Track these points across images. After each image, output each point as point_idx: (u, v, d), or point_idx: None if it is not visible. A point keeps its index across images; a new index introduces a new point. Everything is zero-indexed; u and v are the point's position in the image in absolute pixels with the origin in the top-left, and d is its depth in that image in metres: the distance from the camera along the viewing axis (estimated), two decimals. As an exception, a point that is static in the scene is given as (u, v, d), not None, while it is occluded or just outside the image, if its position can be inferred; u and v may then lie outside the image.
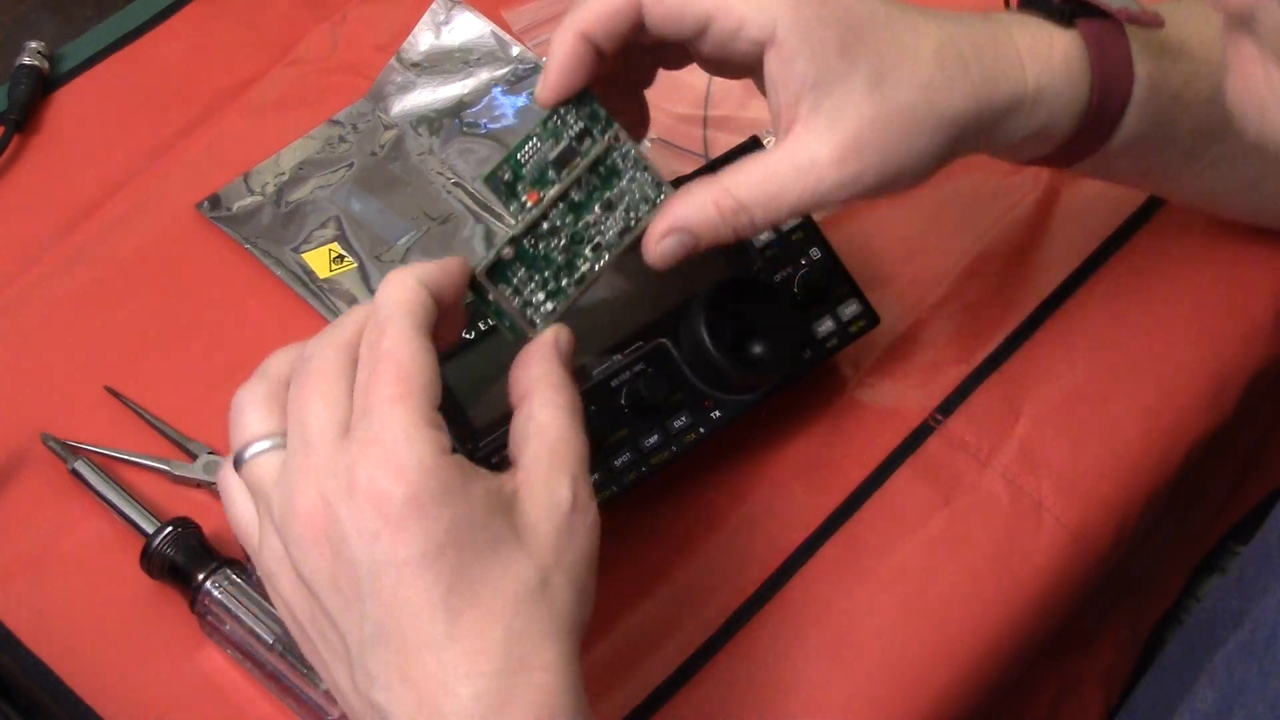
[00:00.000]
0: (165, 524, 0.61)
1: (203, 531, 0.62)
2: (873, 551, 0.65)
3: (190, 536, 0.61)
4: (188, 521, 0.62)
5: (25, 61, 0.76)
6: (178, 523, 0.61)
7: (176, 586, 0.61)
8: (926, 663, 0.62)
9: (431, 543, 0.46)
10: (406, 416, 0.47)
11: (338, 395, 0.49)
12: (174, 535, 0.61)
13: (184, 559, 0.61)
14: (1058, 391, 0.69)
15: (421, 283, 0.50)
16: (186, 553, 0.61)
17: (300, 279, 0.70)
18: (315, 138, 0.74)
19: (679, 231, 0.55)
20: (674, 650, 0.62)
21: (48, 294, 0.70)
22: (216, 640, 0.60)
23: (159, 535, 0.61)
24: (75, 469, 0.64)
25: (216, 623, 0.60)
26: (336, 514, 0.47)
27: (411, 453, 0.47)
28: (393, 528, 0.46)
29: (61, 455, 0.65)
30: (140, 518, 0.63)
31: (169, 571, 0.61)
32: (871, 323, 0.67)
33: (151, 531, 0.61)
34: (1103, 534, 0.67)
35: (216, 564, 0.60)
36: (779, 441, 0.67)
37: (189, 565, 0.60)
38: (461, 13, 0.78)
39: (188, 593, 0.60)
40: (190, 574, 0.60)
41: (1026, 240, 0.74)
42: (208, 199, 0.72)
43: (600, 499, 0.60)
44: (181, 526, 0.61)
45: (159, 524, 0.62)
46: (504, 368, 0.61)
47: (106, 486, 0.64)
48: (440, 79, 0.76)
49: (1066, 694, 0.78)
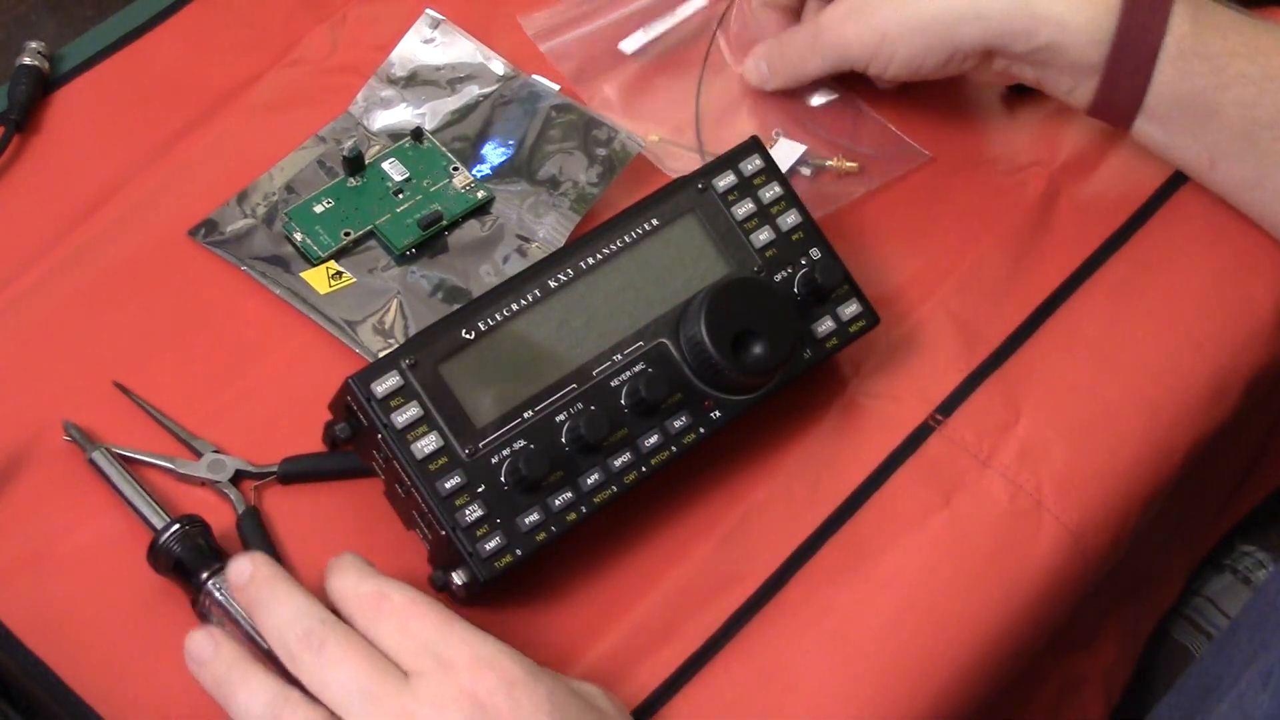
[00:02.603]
0: (175, 520, 0.61)
1: (211, 531, 0.62)
2: (873, 551, 0.65)
3: (198, 534, 0.61)
4: (197, 519, 0.62)
5: (25, 61, 0.76)
6: (187, 520, 0.61)
7: (181, 583, 0.61)
8: (926, 663, 0.63)
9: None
10: (466, 629, 0.55)
11: (364, 658, 0.54)
12: (182, 532, 0.61)
13: (189, 556, 0.61)
14: (1058, 391, 0.69)
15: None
16: (193, 550, 0.61)
17: (300, 297, 0.70)
18: (304, 150, 0.74)
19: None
20: (674, 650, 0.62)
21: (47, 295, 0.70)
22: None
23: (167, 530, 0.61)
24: (93, 458, 0.64)
25: (217, 623, 0.59)
26: None
27: (492, 648, 0.54)
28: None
29: (81, 443, 0.64)
30: (151, 512, 0.62)
31: (174, 568, 0.61)
32: (871, 323, 0.67)
33: (160, 526, 0.61)
34: (1103, 534, 0.67)
35: (221, 564, 0.60)
36: (779, 441, 0.67)
37: (194, 563, 0.60)
38: (448, 31, 0.78)
39: (190, 591, 0.60)
40: (194, 572, 0.60)
41: (1026, 240, 0.74)
42: (202, 224, 0.72)
43: (600, 499, 0.61)
44: (190, 524, 0.61)
45: (169, 519, 0.62)
46: (504, 368, 0.61)
47: (121, 478, 0.63)
48: (425, 95, 0.76)
49: (1067, 693, 0.78)
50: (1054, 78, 0.71)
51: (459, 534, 0.59)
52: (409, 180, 0.73)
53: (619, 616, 0.63)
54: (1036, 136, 0.78)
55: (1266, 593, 0.65)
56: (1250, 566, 0.92)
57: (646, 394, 0.61)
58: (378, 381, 0.59)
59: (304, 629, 0.54)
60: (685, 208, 0.65)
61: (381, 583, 0.56)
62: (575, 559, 0.64)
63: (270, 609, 0.55)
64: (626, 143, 0.74)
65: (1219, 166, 0.71)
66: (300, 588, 0.56)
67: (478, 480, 0.59)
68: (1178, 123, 0.69)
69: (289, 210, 0.72)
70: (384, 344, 0.68)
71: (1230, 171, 0.71)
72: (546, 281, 0.62)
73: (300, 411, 0.64)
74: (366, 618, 0.55)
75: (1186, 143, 0.70)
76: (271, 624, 0.55)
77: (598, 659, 0.62)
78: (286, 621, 0.55)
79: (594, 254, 0.63)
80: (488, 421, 0.60)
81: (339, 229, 0.72)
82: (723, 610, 0.63)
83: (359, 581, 0.56)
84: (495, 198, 0.73)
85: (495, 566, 0.59)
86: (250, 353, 0.69)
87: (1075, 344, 0.71)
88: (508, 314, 0.61)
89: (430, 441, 0.59)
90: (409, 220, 0.72)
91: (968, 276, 0.73)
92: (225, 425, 0.67)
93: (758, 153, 0.66)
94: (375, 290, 0.70)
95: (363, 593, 0.56)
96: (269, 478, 0.65)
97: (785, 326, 0.63)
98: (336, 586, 0.56)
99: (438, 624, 0.54)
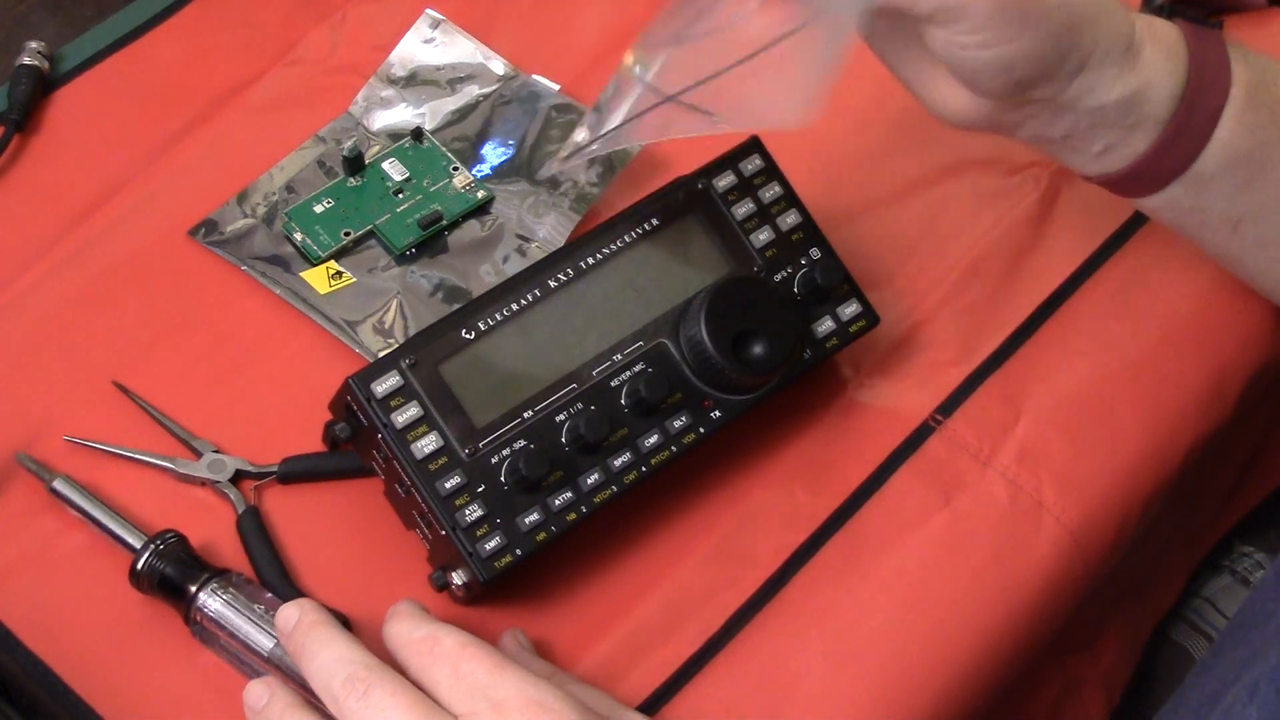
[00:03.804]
0: (149, 540, 0.60)
1: (188, 542, 0.61)
2: (873, 552, 0.65)
3: (176, 549, 0.61)
4: (173, 534, 0.61)
5: (25, 61, 0.76)
6: (161, 537, 0.61)
7: (169, 600, 0.60)
8: (926, 663, 0.62)
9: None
10: (518, 671, 0.54)
11: (411, 702, 0.53)
12: (159, 551, 0.60)
13: (174, 572, 0.60)
14: (1058, 391, 0.69)
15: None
16: (176, 566, 0.60)
17: (300, 296, 0.70)
18: (304, 150, 0.74)
19: None
20: (674, 650, 0.62)
21: (47, 294, 0.70)
22: (213, 649, 0.60)
23: (143, 555, 0.60)
24: (54, 487, 0.63)
25: (212, 635, 0.59)
26: None
27: (545, 690, 0.53)
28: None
29: (39, 474, 0.64)
30: (126, 533, 0.62)
31: (159, 586, 0.60)
32: (871, 323, 0.67)
33: (139, 546, 0.61)
34: (1103, 534, 0.67)
35: (207, 575, 0.60)
36: (779, 441, 0.67)
37: (180, 579, 0.60)
38: (448, 31, 0.78)
39: (180, 605, 0.60)
40: (182, 587, 0.60)
41: (1026, 240, 0.74)
42: (202, 224, 0.72)
43: (600, 499, 0.61)
44: (164, 541, 0.60)
45: (145, 538, 0.61)
46: (504, 368, 0.61)
47: (89, 503, 0.63)
48: (425, 95, 0.76)
49: (1068, 694, 0.78)
50: (1091, 134, 0.60)
51: (459, 534, 0.59)
52: (409, 180, 0.73)
53: (619, 616, 0.63)
54: (1036, 137, 0.78)
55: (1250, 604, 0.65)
56: (1250, 567, 0.92)
57: (646, 394, 0.61)
58: (378, 381, 0.59)
59: (347, 674, 0.53)
60: (685, 208, 0.65)
61: (435, 627, 0.56)
62: (575, 559, 0.64)
63: (314, 654, 0.55)
64: (626, 143, 0.74)
65: (1243, 228, 0.63)
66: (344, 632, 0.55)
67: (478, 480, 0.59)
68: (1220, 184, 0.61)
69: (289, 210, 0.72)
70: (384, 344, 0.68)
71: (1257, 231, 0.64)
72: (546, 281, 0.62)
73: (300, 411, 0.64)
74: (420, 662, 0.55)
75: (1220, 205, 0.62)
76: (315, 669, 0.55)
77: (598, 659, 0.62)
78: (331, 667, 0.54)
79: (594, 254, 0.63)
80: (488, 421, 0.60)
81: (339, 229, 0.72)
82: (723, 610, 0.63)
83: (413, 627, 0.56)
84: (495, 198, 0.73)
85: (495, 566, 0.59)
86: (250, 353, 0.69)
87: (1075, 344, 0.71)
88: (508, 314, 0.61)
89: (430, 441, 0.59)
90: (409, 220, 0.72)
91: (968, 276, 0.73)
92: (225, 425, 0.67)
93: (758, 153, 0.66)
94: (375, 290, 0.70)
95: (416, 638, 0.55)
96: (269, 477, 0.65)
97: (785, 326, 0.63)
98: (392, 633, 0.56)
99: (490, 668, 0.54)
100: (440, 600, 0.62)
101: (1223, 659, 0.62)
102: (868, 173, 0.76)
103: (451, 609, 0.62)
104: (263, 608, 0.59)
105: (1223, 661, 0.62)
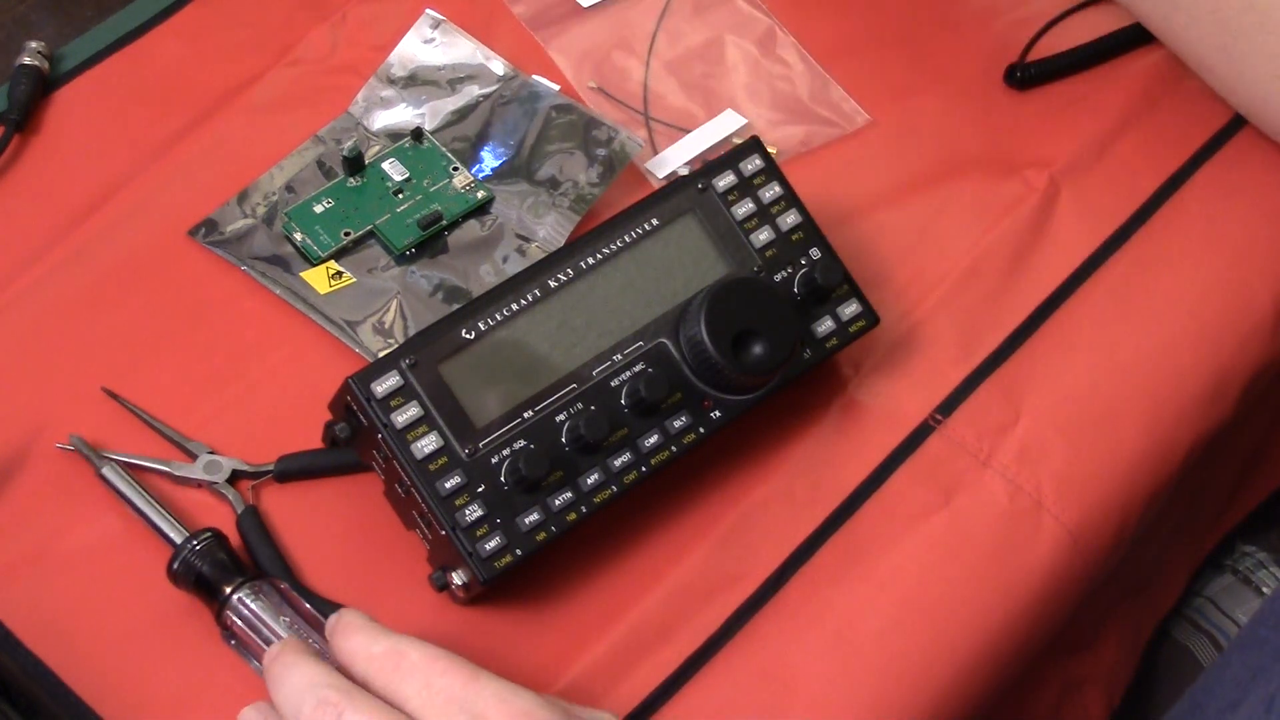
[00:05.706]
0: (192, 535, 0.60)
1: (229, 543, 0.61)
2: (873, 551, 0.65)
3: (218, 548, 0.60)
4: (213, 532, 0.61)
5: (25, 61, 0.76)
6: (204, 534, 0.61)
7: (200, 597, 0.60)
8: (926, 663, 0.63)
9: None
10: (493, 679, 0.52)
11: None
12: (203, 546, 0.60)
13: (211, 571, 0.60)
14: (1057, 391, 0.69)
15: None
16: (214, 565, 0.60)
17: (300, 297, 0.70)
18: (304, 150, 0.74)
19: None
20: (674, 650, 0.62)
21: (47, 294, 0.70)
22: (240, 652, 0.60)
23: (185, 548, 0.60)
24: (104, 474, 0.63)
25: (243, 636, 0.59)
26: None
27: (524, 697, 0.52)
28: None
29: (89, 457, 0.64)
30: (169, 526, 0.62)
31: (195, 583, 0.60)
32: (871, 323, 0.67)
33: (180, 541, 0.60)
34: (1103, 534, 0.67)
35: (244, 578, 0.60)
36: (779, 441, 0.67)
37: (216, 578, 0.60)
38: (448, 31, 0.78)
39: (212, 604, 0.60)
40: (217, 587, 0.59)
41: (1026, 240, 0.74)
42: (202, 224, 0.72)
43: (600, 499, 0.61)
44: (204, 540, 0.60)
45: (187, 533, 0.61)
46: (504, 367, 0.61)
47: (136, 493, 0.63)
48: (425, 95, 0.76)
49: (1068, 694, 0.78)
50: None
51: (459, 534, 0.59)
52: (409, 180, 0.73)
53: (619, 616, 0.63)
54: (1036, 136, 0.78)
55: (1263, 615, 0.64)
56: (1251, 567, 0.92)
57: (646, 394, 0.61)
58: (378, 381, 0.59)
59: (318, 699, 0.51)
60: (685, 208, 0.65)
61: (395, 640, 0.53)
62: (575, 559, 0.64)
63: (280, 680, 0.53)
64: (626, 143, 0.74)
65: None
66: (315, 657, 0.54)
67: (478, 480, 0.59)
68: None
69: (289, 210, 0.72)
70: (384, 344, 0.68)
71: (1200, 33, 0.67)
72: (546, 281, 0.62)
73: (300, 412, 0.64)
74: (386, 678, 0.52)
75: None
76: (282, 697, 0.53)
77: (598, 659, 0.62)
78: (298, 692, 0.52)
79: (594, 254, 0.63)
80: (488, 421, 0.60)
81: (339, 229, 0.72)
82: (722, 610, 0.63)
83: (370, 641, 0.53)
84: (495, 198, 0.73)
85: (495, 566, 0.59)
86: (250, 352, 0.69)
87: (1075, 344, 0.71)
88: (508, 314, 0.61)
89: (430, 441, 0.59)
90: (409, 220, 0.72)
91: (968, 276, 0.73)
92: (226, 425, 0.67)
93: (758, 153, 0.66)
94: (375, 290, 0.70)
95: (377, 652, 0.53)
96: (265, 476, 0.65)
97: (785, 326, 0.63)
98: (346, 649, 0.54)
99: (465, 680, 0.52)
100: (440, 600, 0.62)
101: (1227, 673, 0.62)
102: (868, 173, 0.76)
103: (451, 609, 0.62)
104: (288, 619, 0.59)
105: (1227, 675, 0.62)
